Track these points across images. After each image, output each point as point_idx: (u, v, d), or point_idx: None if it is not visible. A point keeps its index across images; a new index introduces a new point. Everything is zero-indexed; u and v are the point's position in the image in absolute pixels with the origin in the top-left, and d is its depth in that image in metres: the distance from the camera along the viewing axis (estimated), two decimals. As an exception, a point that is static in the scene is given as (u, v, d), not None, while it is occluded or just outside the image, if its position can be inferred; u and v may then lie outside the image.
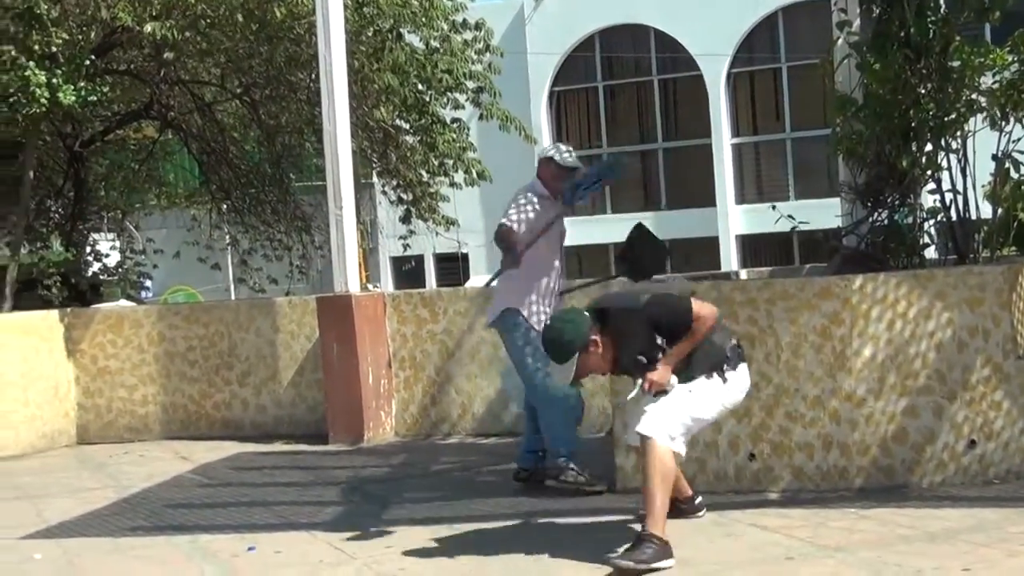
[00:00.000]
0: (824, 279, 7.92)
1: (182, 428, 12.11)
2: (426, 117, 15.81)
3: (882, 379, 7.61)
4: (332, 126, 11.23)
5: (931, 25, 8.56)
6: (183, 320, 12.18)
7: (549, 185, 8.50)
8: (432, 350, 11.22)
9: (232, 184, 17.26)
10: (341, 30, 11.36)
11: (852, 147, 8.93)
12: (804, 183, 32.66)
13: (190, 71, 15.99)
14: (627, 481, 7.96)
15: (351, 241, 11.30)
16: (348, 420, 11.03)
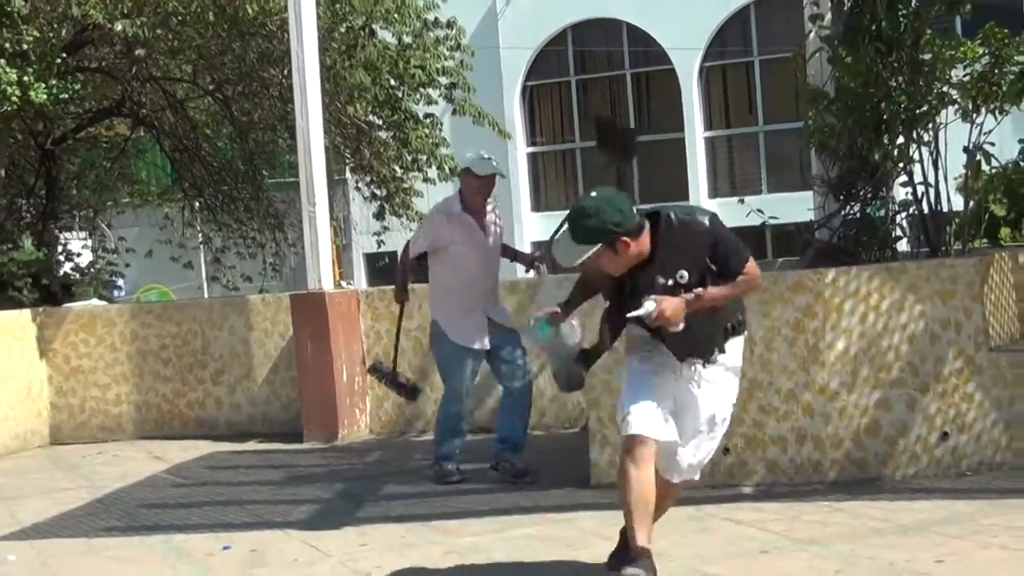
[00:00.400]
0: (797, 273, 7.94)
1: (156, 427, 12.07)
2: (399, 113, 15.80)
3: (855, 372, 7.63)
4: (305, 122, 11.20)
5: (902, 18, 8.58)
6: (156, 319, 12.14)
7: (468, 197, 8.63)
8: (406, 347, 11.17)
9: (205, 181, 17.21)
10: (313, 26, 11.33)
11: (824, 140, 8.95)
12: (777, 176, 32.69)
13: (162, 68, 15.93)
14: (601, 477, 7.96)
15: (324, 238, 11.28)
16: (322, 418, 11.01)
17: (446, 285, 8.67)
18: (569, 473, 8.43)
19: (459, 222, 8.58)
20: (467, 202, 8.62)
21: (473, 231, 8.61)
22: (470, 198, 8.62)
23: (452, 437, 8.80)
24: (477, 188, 8.60)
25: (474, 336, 8.64)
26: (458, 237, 8.56)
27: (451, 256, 8.59)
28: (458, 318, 8.63)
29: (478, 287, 8.66)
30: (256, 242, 17.50)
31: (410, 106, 15.94)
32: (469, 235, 8.59)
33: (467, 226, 8.59)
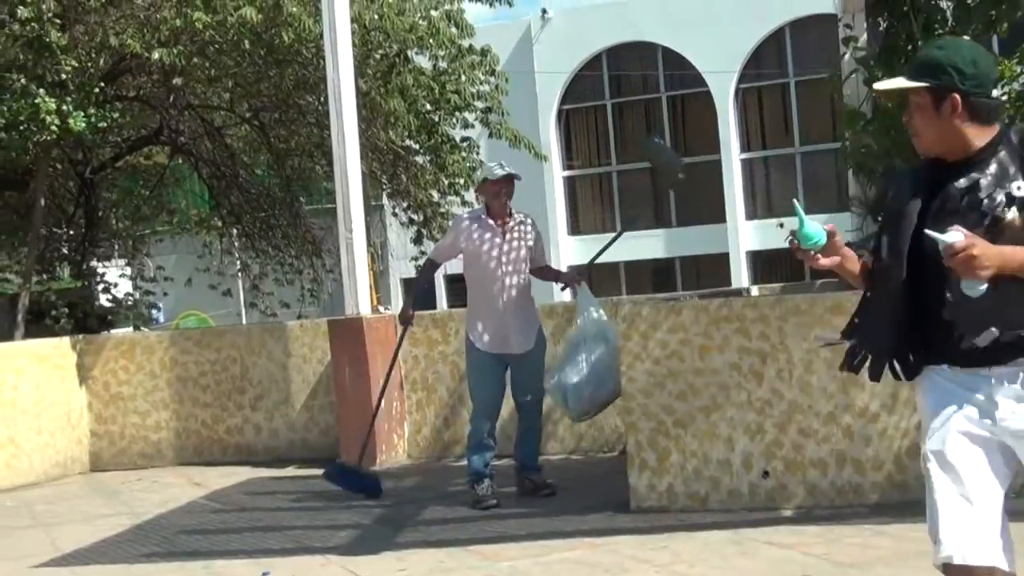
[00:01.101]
0: (836, 294, 7.89)
1: (195, 454, 12.10)
2: (435, 137, 15.82)
3: (895, 394, 7.57)
4: (341, 148, 11.23)
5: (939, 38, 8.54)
6: (195, 345, 12.18)
7: (490, 204, 8.93)
8: (444, 372, 11.20)
9: (243, 208, 17.28)
10: (349, 53, 11.37)
11: (862, 161, 8.93)
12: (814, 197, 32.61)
13: (199, 96, 16.02)
14: (640, 500, 7.94)
15: (362, 263, 11.30)
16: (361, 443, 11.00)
17: (472, 291, 8.96)
18: (607, 497, 8.39)
19: (481, 224, 8.86)
20: (491, 209, 8.93)
21: (494, 233, 8.83)
22: (492, 203, 8.92)
23: (480, 451, 8.84)
24: (495, 192, 8.88)
25: (500, 341, 8.82)
26: (478, 238, 8.82)
27: (473, 259, 8.86)
28: (482, 323, 8.85)
29: (501, 291, 8.82)
30: (294, 268, 17.55)
31: (446, 130, 15.96)
32: (491, 237, 8.83)
33: (488, 228, 8.84)
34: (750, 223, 33.51)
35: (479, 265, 8.84)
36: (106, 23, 13.54)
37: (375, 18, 14.07)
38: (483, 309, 8.86)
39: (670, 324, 7.88)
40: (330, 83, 11.28)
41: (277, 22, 13.28)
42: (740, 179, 33.76)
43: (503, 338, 8.82)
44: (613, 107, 35.47)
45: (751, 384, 7.74)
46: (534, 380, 8.91)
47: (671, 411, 7.88)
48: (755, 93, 33.99)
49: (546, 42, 34.89)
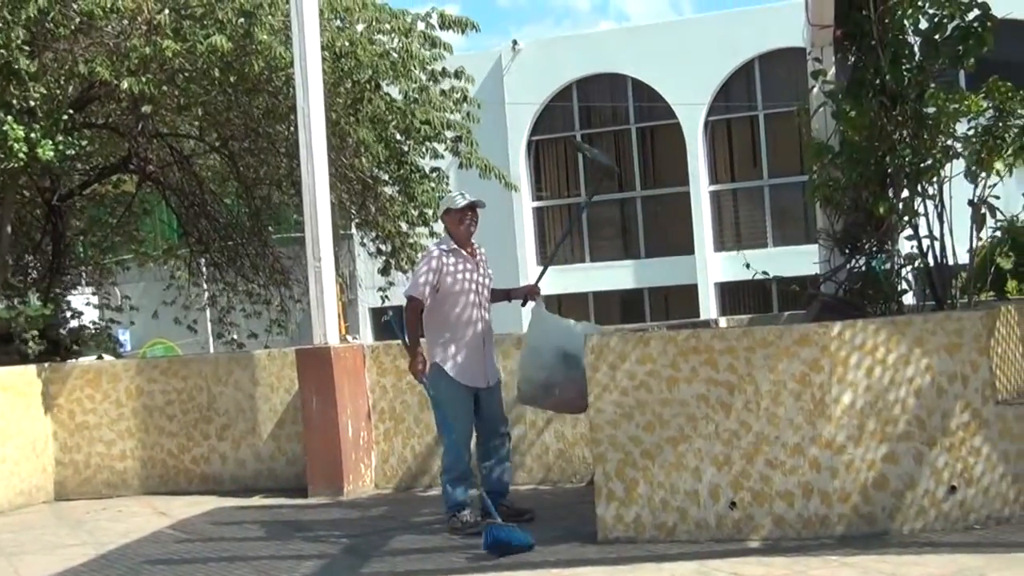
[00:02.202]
0: (803, 326, 7.93)
1: (161, 483, 12.04)
2: (405, 167, 15.83)
3: (862, 426, 7.61)
4: (310, 178, 11.25)
5: (906, 72, 8.62)
6: (161, 374, 12.13)
7: (455, 233, 8.89)
8: (412, 401, 11.18)
9: (210, 237, 17.23)
10: (319, 82, 11.39)
11: (829, 194, 8.97)
12: (782, 230, 32.77)
13: (168, 124, 15.99)
14: (607, 531, 7.95)
15: (330, 293, 11.30)
16: (328, 473, 10.99)
17: (447, 322, 8.78)
18: (575, 528, 8.40)
19: (456, 255, 8.83)
20: (456, 238, 8.90)
21: (469, 263, 8.85)
22: (457, 232, 8.89)
23: (462, 482, 8.81)
24: (459, 219, 8.87)
25: (476, 374, 8.82)
26: (455, 273, 8.77)
27: (450, 293, 8.75)
28: (461, 354, 8.78)
29: (478, 322, 8.84)
30: (262, 298, 17.50)
31: (416, 160, 15.97)
32: (466, 268, 8.82)
33: (463, 259, 8.83)
34: (719, 255, 33.61)
35: (457, 297, 8.76)
36: (75, 51, 13.52)
37: (347, 45, 14.09)
38: (461, 341, 8.77)
39: (638, 355, 7.90)
40: (300, 112, 11.30)
41: (248, 51, 13.29)
42: (709, 211, 33.87)
43: (479, 370, 8.83)
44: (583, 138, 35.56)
45: (718, 415, 7.76)
46: (502, 410, 9.00)
47: (639, 442, 7.89)
48: (724, 125, 34.14)
49: (516, 73, 34.98)
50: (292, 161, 14.65)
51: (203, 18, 13.31)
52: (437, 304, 8.79)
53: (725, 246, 33.70)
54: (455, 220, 8.90)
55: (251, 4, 13.17)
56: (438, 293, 8.77)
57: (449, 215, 8.96)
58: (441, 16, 15.32)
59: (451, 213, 8.93)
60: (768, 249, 31.56)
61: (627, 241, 35.11)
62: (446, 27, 15.40)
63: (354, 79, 14.52)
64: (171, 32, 13.08)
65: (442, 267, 8.76)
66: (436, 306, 8.80)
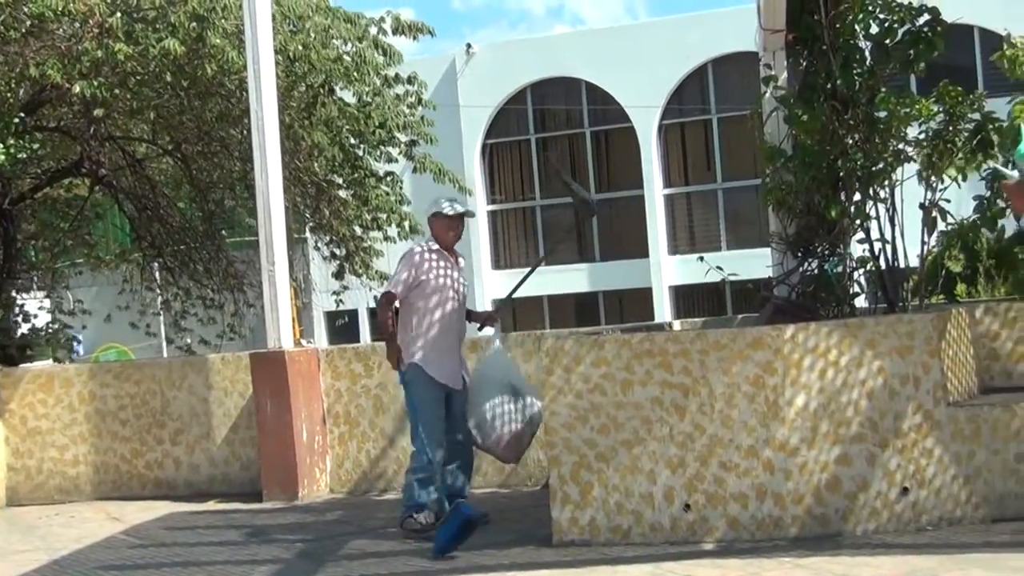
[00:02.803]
0: (756, 329, 7.97)
1: (114, 488, 11.97)
2: (359, 171, 15.80)
3: (815, 428, 7.66)
4: (264, 182, 11.21)
5: (857, 77, 8.69)
6: (114, 378, 12.06)
7: (441, 238, 8.94)
8: (367, 405, 11.17)
9: (164, 241, 17.13)
10: (273, 86, 11.37)
11: (782, 198, 9.02)
12: (736, 233, 32.93)
13: (121, 128, 15.89)
14: (562, 534, 7.96)
15: (284, 297, 11.27)
16: (283, 477, 10.96)
17: (427, 322, 8.80)
18: (530, 531, 8.41)
19: (439, 255, 8.87)
20: (441, 243, 8.93)
21: (451, 266, 8.89)
22: (443, 237, 8.93)
23: (428, 483, 8.76)
24: (447, 226, 8.92)
25: (453, 375, 8.85)
26: (437, 270, 8.80)
27: (432, 291, 8.79)
28: (440, 355, 8.79)
29: (455, 325, 8.90)
30: (215, 303, 17.41)
31: (371, 163, 15.95)
32: (449, 270, 8.87)
33: (446, 260, 8.88)
34: (673, 258, 33.74)
35: (439, 297, 8.81)
36: (26, 53, 13.41)
37: (300, 48, 14.05)
38: (441, 341, 8.80)
39: (592, 358, 7.92)
40: (253, 115, 11.27)
41: (200, 54, 13.23)
42: (663, 214, 34.00)
43: (453, 371, 8.87)
44: (537, 141, 35.61)
45: (673, 418, 7.79)
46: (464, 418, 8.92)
47: (593, 445, 7.91)
48: (678, 129, 34.28)
49: (470, 76, 35.00)
50: (246, 165, 14.58)
51: (155, 21, 13.24)
52: (418, 301, 8.81)
53: (679, 249, 33.84)
54: (443, 226, 8.95)
55: (204, 8, 13.10)
56: (420, 290, 8.78)
57: (438, 219, 8.96)
58: (396, 20, 15.28)
59: (440, 218, 8.95)
60: (722, 252, 31.68)
61: (582, 244, 35.17)
62: (400, 32, 15.36)
63: (308, 83, 14.49)
64: (123, 35, 13.00)
65: (425, 263, 8.78)
66: (417, 303, 8.81)
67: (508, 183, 35.99)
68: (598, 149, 35.15)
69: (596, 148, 35.10)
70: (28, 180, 16.26)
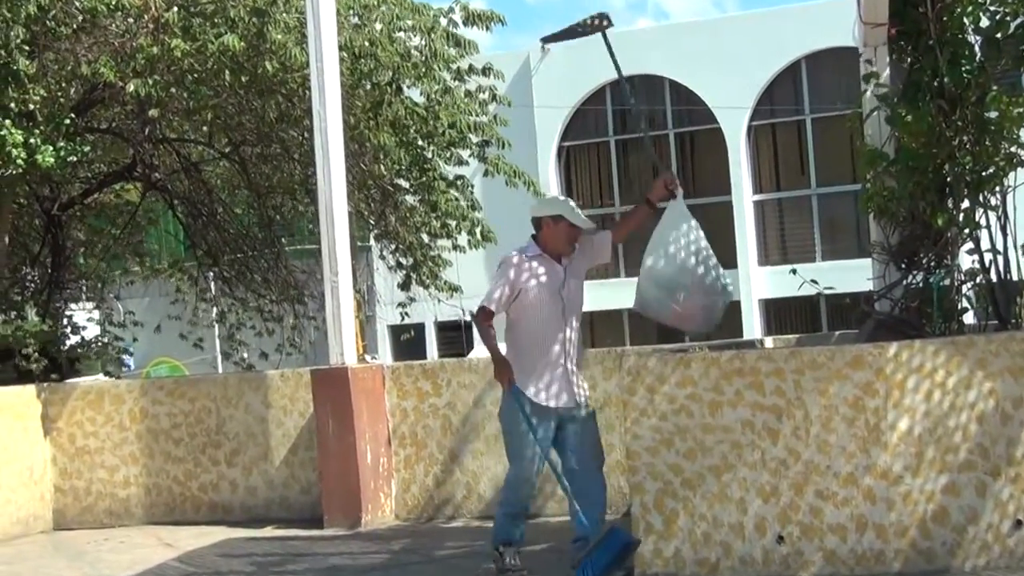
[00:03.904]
0: (856, 347, 7.89)
1: (166, 512, 12.05)
2: (427, 175, 15.80)
3: (920, 454, 7.57)
4: (327, 186, 11.26)
5: (966, 74, 8.59)
6: (167, 395, 12.15)
7: (555, 247, 8.38)
8: (435, 426, 11.19)
9: (220, 249, 17.25)
10: (336, 83, 11.42)
11: (884, 204, 8.94)
12: (832, 243, 32.71)
13: (176, 129, 16.05)
14: (645, 567, 7.92)
15: (347, 309, 11.31)
16: (345, 502, 10.98)
17: (523, 335, 8.31)
18: (611, 563, 8.37)
19: (541, 261, 8.35)
20: (550, 249, 8.39)
21: (555, 272, 8.34)
22: (555, 246, 8.39)
23: (517, 518, 8.43)
24: (568, 235, 8.36)
25: (554, 392, 8.28)
26: (539, 279, 8.29)
27: (532, 303, 8.27)
28: (536, 372, 8.24)
29: (559, 336, 8.30)
30: (273, 315, 17.50)
31: (440, 166, 15.93)
32: (554, 276, 8.33)
33: (549, 265, 8.35)
34: (763, 269, 33.55)
35: (540, 309, 8.27)
36: (78, 51, 13.58)
37: (366, 45, 14.09)
38: (541, 358, 8.23)
39: (678, 377, 7.88)
40: (316, 116, 11.32)
41: (260, 51, 13.33)
42: (752, 222, 33.83)
43: (561, 390, 8.30)
44: (617, 144, 35.57)
45: (765, 442, 7.73)
46: (597, 438, 8.46)
47: (679, 471, 7.86)
48: (768, 130, 34.12)
49: (545, 74, 35.02)
50: (307, 168, 14.67)
51: (213, 16, 13.36)
52: (517, 314, 8.33)
53: (770, 260, 33.66)
54: (562, 233, 8.37)
55: (264, 2, 13.21)
56: (518, 302, 8.28)
57: (557, 224, 8.37)
58: (465, 10, 15.22)
59: (562, 223, 8.36)
60: (817, 263, 31.48)
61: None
62: (470, 23, 15.31)
63: (373, 81, 14.54)
64: (180, 31, 13.12)
65: (524, 273, 8.28)
66: (516, 316, 8.35)
67: (586, 188, 35.96)
68: (683, 152, 35.06)
69: (680, 151, 35.01)
70: (78, 184, 16.47)
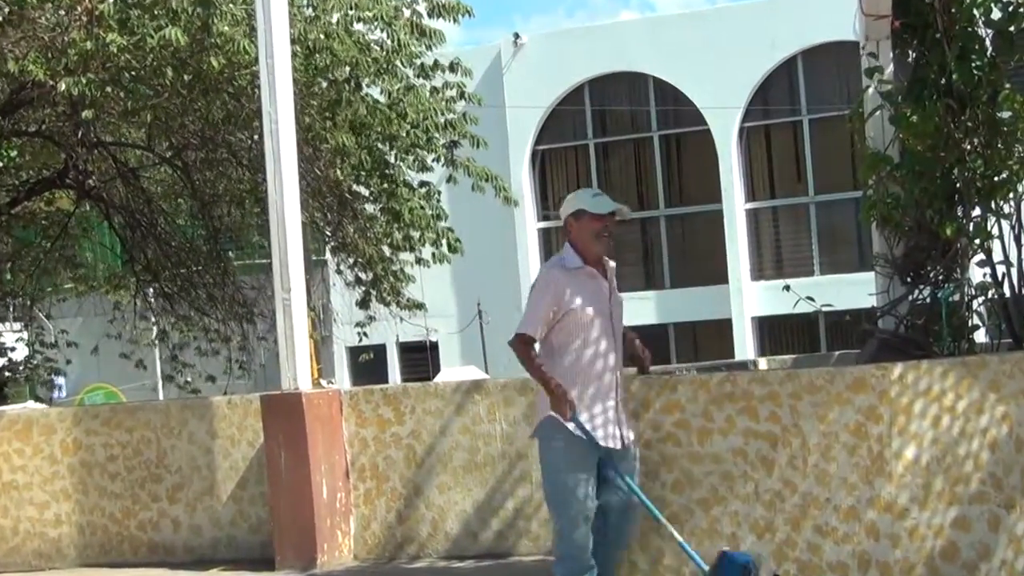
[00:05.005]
0: (857, 369, 7.92)
1: (102, 553, 12.00)
2: (389, 181, 15.78)
3: (927, 485, 7.59)
4: (278, 194, 11.24)
5: (976, 71, 8.63)
6: (103, 424, 12.10)
7: (586, 247, 7.79)
8: (397, 457, 11.16)
9: (160, 264, 17.23)
10: (289, 81, 11.39)
11: (887, 213, 8.97)
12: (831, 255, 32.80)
13: (112, 132, 16.03)
14: (629, 610, 7.93)
15: (301, 329, 11.29)
16: (298, 541, 10.95)
17: (567, 362, 7.69)
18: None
19: (584, 276, 7.75)
20: (585, 254, 7.79)
21: (600, 288, 7.80)
22: (587, 247, 7.77)
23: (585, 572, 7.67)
24: (594, 230, 7.73)
25: (608, 429, 7.68)
26: (583, 298, 7.68)
27: (576, 326, 7.67)
28: (586, 404, 7.64)
29: (608, 364, 7.74)
30: (220, 335, 17.48)
31: (403, 171, 15.89)
32: (596, 293, 7.77)
33: (594, 281, 7.78)
34: (756, 284, 33.63)
35: (585, 333, 7.68)
36: (4, 46, 13.55)
37: (321, 37, 14.07)
38: (587, 388, 7.65)
39: (663, 402, 7.90)
40: (266, 116, 11.29)
41: (205, 45, 13.32)
42: (745, 233, 33.90)
43: (609, 425, 7.70)
44: (597, 147, 35.61)
45: (759, 473, 7.75)
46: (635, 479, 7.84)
47: (665, 504, 7.87)
48: (762, 132, 34.21)
49: (518, 71, 35.05)
50: (256, 174, 14.67)
51: (153, 7, 13.32)
52: (558, 338, 7.73)
53: (764, 274, 33.74)
54: (587, 229, 7.74)
55: (209, -10, 13.20)
56: (560, 325, 7.68)
57: (580, 220, 7.79)
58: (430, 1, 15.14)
59: (584, 218, 7.77)
60: (815, 277, 31.60)
61: (649, 269, 35.13)
62: (435, 15, 15.26)
63: (330, 78, 14.54)
64: (116, 24, 13.10)
65: (566, 289, 7.67)
66: (556, 341, 7.74)
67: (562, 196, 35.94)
68: (668, 156, 35.12)
69: (666, 155, 35.07)
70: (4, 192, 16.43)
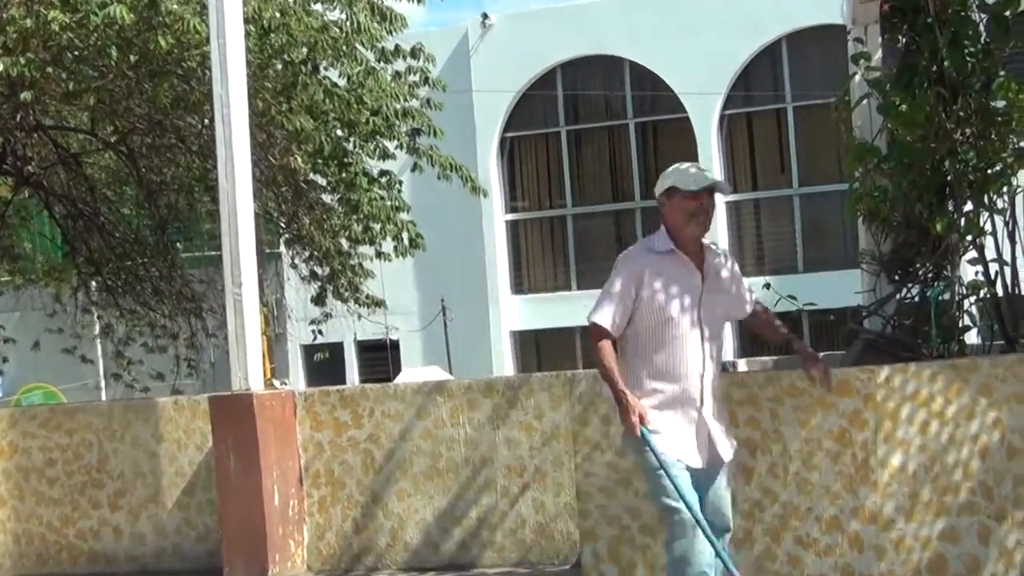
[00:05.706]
0: (841, 371, 7.94)
1: (38, 563, 11.97)
2: (348, 169, 15.76)
3: (914, 495, 7.62)
4: (230, 182, 11.21)
5: (969, 57, 8.65)
6: (40, 426, 12.07)
7: (678, 229, 7.32)
8: (354, 462, 11.15)
9: (104, 255, 17.18)
10: (242, 62, 11.36)
11: (875, 207, 8.99)
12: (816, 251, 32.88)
13: (53, 115, 15.97)
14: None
15: (253, 326, 11.26)
16: (248, 551, 10.94)
17: (640, 362, 7.19)
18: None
19: (673, 262, 7.26)
20: (678, 237, 7.31)
21: (691, 276, 7.27)
22: (680, 229, 7.29)
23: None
24: (687, 210, 7.25)
25: (692, 448, 7.12)
26: (664, 284, 7.18)
27: (653, 315, 7.15)
28: (669, 417, 7.10)
29: (697, 368, 7.19)
30: (167, 331, 17.44)
31: (363, 159, 15.88)
32: (685, 281, 7.25)
33: (683, 267, 7.28)
34: (737, 281, 33.66)
35: (668, 328, 7.14)
36: (-65, 24, 13.50)
37: (276, 16, 14.03)
38: (667, 394, 7.11)
39: (637, 406, 7.89)
40: (217, 100, 11.26)
41: (153, 24, 13.27)
42: (725, 226, 33.93)
43: (696, 442, 7.13)
44: (569, 135, 35.62)
45: (737, 481, 7.76)
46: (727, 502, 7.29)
47: (637, 515, 7.88)
48: (743, 120, 34.26)
49: (486, 54, 35.02)
50: (206, 161, 14.62)
51: (98, -18, 13.29)
52: (630, 333, 7.23)
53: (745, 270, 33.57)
54: (679, 208, 7.25)
55: (157, -34, 13.16)
56: (639, 315, 7.18)
57: (672, 199, 7.31)
58: (393, -21, 15.18)
59: (676, 196, 7.28)
60: (799, 274, 31.65)
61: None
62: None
63: (286, 59, 14.52)
64: (58, 1, 13.04)
65: (645, 275, 7.18)
66: (628, 336, 7.24)
67: (532, 186, 36.00)
68: (644, 145, 35.15)
69: (642, 144, 35.10)
70: (-64, 179, 16.36)
